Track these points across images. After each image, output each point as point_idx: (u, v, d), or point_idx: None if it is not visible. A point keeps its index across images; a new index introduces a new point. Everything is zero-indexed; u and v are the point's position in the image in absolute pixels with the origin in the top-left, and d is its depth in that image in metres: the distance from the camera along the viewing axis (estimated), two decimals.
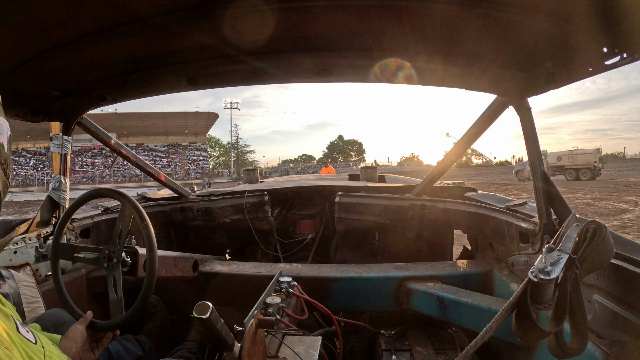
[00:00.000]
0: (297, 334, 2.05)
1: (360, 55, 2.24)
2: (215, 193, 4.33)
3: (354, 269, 3.00)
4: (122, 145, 3.40)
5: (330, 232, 4.51)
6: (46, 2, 1.45)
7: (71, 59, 2.06)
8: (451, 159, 3.48)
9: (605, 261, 1.59)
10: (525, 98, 2.35)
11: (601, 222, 1.61)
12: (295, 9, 1.75)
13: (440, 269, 2.93)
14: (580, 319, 1.52)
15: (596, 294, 1.78)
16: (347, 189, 4.09)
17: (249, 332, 1.60)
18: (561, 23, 1.63)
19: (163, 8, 1.64)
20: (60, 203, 2.96)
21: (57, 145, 2.91)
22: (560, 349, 1.53)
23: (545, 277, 1.52)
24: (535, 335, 1.55)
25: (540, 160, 2.38)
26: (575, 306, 1.53)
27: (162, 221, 4.10)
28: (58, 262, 2.22)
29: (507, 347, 2.45)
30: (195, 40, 2.04)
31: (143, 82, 2.52)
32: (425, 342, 2.66)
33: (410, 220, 3.72)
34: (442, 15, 1.73)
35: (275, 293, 2.45)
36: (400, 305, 2.83)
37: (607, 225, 1.62)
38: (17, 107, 2.49)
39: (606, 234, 1.58)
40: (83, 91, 2.65)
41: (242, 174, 5.10)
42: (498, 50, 2.08)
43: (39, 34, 1.73)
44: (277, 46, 2.19)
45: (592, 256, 1.56)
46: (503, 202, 3.14)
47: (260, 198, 4.08)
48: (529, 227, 2.48)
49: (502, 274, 2.66)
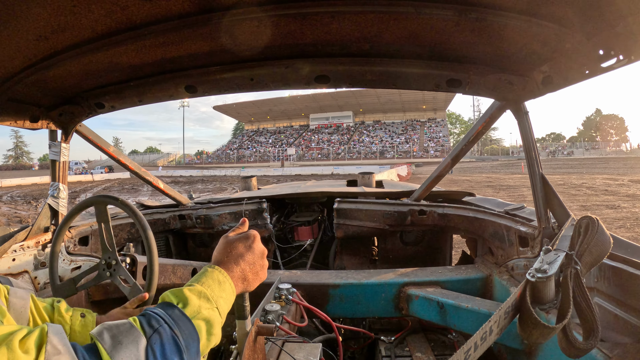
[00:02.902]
0: (297, 341, 2.04)
1: (357, 61, 2.25)
2: (213, 200, 4.33)
3: (353, 275, 3.00)
4: (120, 153, 3.39)
5: (329, 239, 4.51)
6: (43, 10, 1.45)
7: (69, 66, 2.06)
8: (450, 164, 3.48)
9: (603, 252, 1.59)
10: (523, 102, 2.36)
11: (593, 216, 1.62)
12: (292, 16, 1.75)
13: (440, 274, 2.93)
14: (589, 314, 1.51)
15: (597, 296, 1.79)
16: (345, 195, 4.09)
17: (248, 339, 1.60)
18: (557, 26, 1.64)
19: (160, 16, 1.64)
20: (59, 210, 2.96)
21: (56, 153, 2.91)
22: (571, 347, 1.52)
23: (543, 276, 1.53)
24: (540, 333, 1.53)
25: (538, 163, 2.38)
26: (581, 302, 1.52)
27: (161, 229, 4.10)
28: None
29: (508, 352, 2.44)
30: (192, 48, 2.04)
31: (141, 90, 2.52)
32: (426, 348, 2.65)
33: (409, 225, 3.72)
34: (437, 20, 1.74)
35: (275, 300, 2.45)
36: (400, 311, 2.83)
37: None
38: (15, 114, 2.49)
39: (599, 226, 1.60)
40: (81, 99, 2.65)
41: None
42: (494, 54, 2.08)
43: (36, 42, 1.73)
44: (275, 53, 2.20)
45: (589, 249, 1.57)
46: (502, 206, 3.14)
47: (258, 205, 4.07)
48: (528, 231, 2.48)
49: (502, 278, 2.65)
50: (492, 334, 1.53)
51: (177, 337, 0.95)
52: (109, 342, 0.87)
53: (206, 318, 1.06)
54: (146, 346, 0.89)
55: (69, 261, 2.85)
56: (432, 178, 3.59)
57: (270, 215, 4.19)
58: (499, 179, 31.32)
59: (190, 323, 1.01)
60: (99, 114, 2.80)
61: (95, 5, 1.49)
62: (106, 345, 0.86)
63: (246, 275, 1.27)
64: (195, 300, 1.07)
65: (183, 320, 1.01)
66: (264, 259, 1.35)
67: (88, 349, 0.85)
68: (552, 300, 1.57)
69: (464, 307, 2.46)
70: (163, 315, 0.98)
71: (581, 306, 1.52)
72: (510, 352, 2.43)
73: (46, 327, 0.82)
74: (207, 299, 1.09)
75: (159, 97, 2.60)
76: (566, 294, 1.52)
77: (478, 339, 1.50)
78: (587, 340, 1.50)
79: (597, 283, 1.79)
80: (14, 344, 0.74)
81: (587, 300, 1.51)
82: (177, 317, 1.00)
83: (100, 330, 0.89)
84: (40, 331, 0.80)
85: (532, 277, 1.56)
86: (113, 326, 0.91)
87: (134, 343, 0.88)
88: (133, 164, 3.54)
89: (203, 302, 1.08)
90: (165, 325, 0.96)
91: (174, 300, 1.07)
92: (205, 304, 1.08)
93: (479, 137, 3.03)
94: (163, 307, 1.03)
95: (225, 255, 1.27)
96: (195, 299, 1.07)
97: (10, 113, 2.45)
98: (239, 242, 1.30)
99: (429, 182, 3.64)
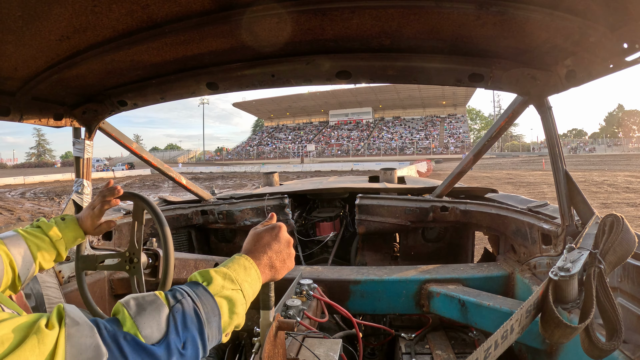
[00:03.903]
0: (317, 337, 2.05)
1: (377, 57, 2.23)
2: (235, 196, 4.37)
3: (374, 271, 2.99)
4: (143, 150, 3.44)
5: (351, 234, 4.51)
6: (65, 11, 1.48)
7: (91, 65, 2.10)
8: (472, 160, 3.44)
9: (628, 252, 1.55)
10: (546, 97, 2.31)
11: (618, 214, 1.58)
12: (312, 12, 1.75)
13: (462, 271, 2.90)
14: (612, 315, 1.49)
15: (620, 297, 1.75)
16: (367, 190, 4.08)
17: (269, 334, 1.61)
18: (580, 19, 1.60)
19: (180, 14, 1.66)
20: (83, 206, 3.01)
21: (80, 150, 2.96)
22: (594, 347, 1.49)
23: (566, 274, 1.51)
24: (561, 333, 1.51)
25: (562, 160, 2.34)
26: (604, 302, 1.49)
27: (183, 224, 4.14)
28: (82, 272, 2.25)
29: (529, 351, 2.41)
30: (213, 45, 2.05)
31: (163, 87, 2.55)
32: (446, 346, 2.63)
33: (431, 222, 3.70)
34: (458, 14, 1.71)
35: (296, 295, 2.45)
36: (421, 308, 2.81)
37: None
38: (40, 113, 2.54)
39: (624, 225, 1.55)
40: (104, 97, 2.70)
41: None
42: (516, 48, 2.05)
43: (59, 42, 1.76)
44: (295, 49, 2.19)
45: (613, 248, 1.53)
46: (525, 203, 3.09)
47: (280, 201, 4.09)
48: (552, 228, 2.44)
49: (524, 276, 2.62)
50: (513, 332, 1.51)
51: (198, 309, 1.02)
52: (134, 308, 0.95)
53: (228, 297, 1.11)
54: (168, 314, 0.97)
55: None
56: (454, 174, 3.56)
57: (292, 211, 4.20)
58: (520, 175, 30.82)
59: (212, 299, 1.07)
60: (122, 111, 2.84)
61: (116, 4, 1.50)
62: (131, 310, 0.94)
63: (273, 262, 1.33)
64: (220, 279, 1.12)
65: (206, 295, 1.07)
66: (290, 248, 1.40)
67: (110, 320, 0.93)
68: (575, 299, 1.55)
69: (486, 305, 2.43)
70: (187, 290, 1.05)
71: (604, 306, 1.49)
72: (531, 352, 2.39)
73: (61, 304, 0.89)
74: (231, 280, 1.14)
75: (181, 94, 2.62)
76: (589, 293, 1.49)
77: (499, 337, 1.49)
78: (610, 341, 1.48)
79: (620, 283, 1.75)
80: (41, 326, 0.80)
81: (610, 301, 1.48)
82: (200, 292, 1.06)
83: (127, 299, 0.97)
84: (57, 309, 0.87)
85: (555, 276, 1.53)
86: (139, 296, 0.99)
87: (157, 310, 0.96)
88: (156, 161, 3.58)
89: (227, 283, 1.13)
90: (188, 297, 1.03)
91: (199, 279, 1.13)
92: (229, 285, 1.13)
93: (502, 132, 2.99)
94: (189, 284, 1.10)
95: (252, 244, 1.35)
96: (220, 279, 1.12)
97: (34, 112, 2.50)
98: (266, 233, 1.38)
99: (451, 178, 3.61)
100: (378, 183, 4.97)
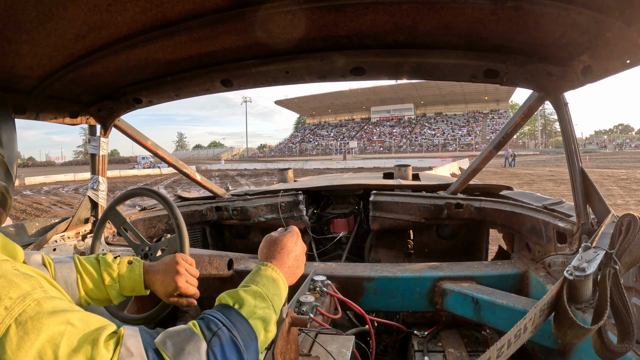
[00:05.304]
0: (330, 333, 2.05)
1: (392, 53, 2.22)
2: (249, 192, 4.38)
3: (388, 268, 2.98)
4: (158, 147, 3.47)
5: (365, 231, 4.50)
6: (80, 10, 1.49)
7: (106, 63, 2.12)
8: (487, 157, 3.41)
9: None
10: (562, 93, 2.28)
11: (635, 214, 1.56)
12: (326, 9, 1.75)
13: (476, 269, 2.88)
14: (625, 316, 1.47)
15: (635, 296, 1.72)
16: (381, 187, 4.06)
17: (282, 330, 1.61)
18: (595, 14, 1.57)
19: (194, 12, 1.66)
20: (99, 203, 3.06)
21: (95, 147, 3.00)
22: (606, 349, 1.48)
23: (581, 274, 1.49)
24: (574, 334, 1.50)
25: (578, 157, 2.31)
26: (617, 303, 1.47)
27: (198, 220, 4.18)
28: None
29: (542, 350, 2.39)
30: (227, 42, 2.06)
31: (178, 85, 2.57)
32: (459, 344, 2.62)
33: (446, 219, 3.68)
34: (473, 9, 1.70)
35: (309, 292, 2.46)
36: (434, 305, 2.80)
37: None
38: (56, 111, 2.58)
39: None
40: (119, 94, 2.73)
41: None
42: (531, 44, 2.02)
43: (74, 41, 1.77)
44: (309, 46, 2.19)
45: (629, 249, 1.50)
46: (540, 200, 3.06)
47: (294, 197, 4.10)
48: (567, 226, 2.41)
49: (538, 275, 2.59)
50: (526, 331, 1.50)
51: (235, 338, 1.00)
52: (172, 349, 0.92)
53: (262, 317, 1.10)
54: (207, 350, 0.94)
55: (107, 251, 2.93)
56: (469, 171, 3.53)
57: (306, 207, 4.21)
58: (562, 172, 29.96)
59: (247, 323, 1.06)
60: (137, 108, 2.88)
61: (131, 3, 1.51)
62: (169, 352, 0.91)
63: (295, 269, 1.33)
64: (251, 300, 1.11)
65: (240, 321, 1.05)
66: (304, 255, 1.41)
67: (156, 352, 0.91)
68: (589, 299, 1.53)
69: (499, 304, 2.41)
70: (221, 318, 1.03)
71: (618, 308, 1.47)
72: (543, 351, 2.37)
73: (123, 329, 0.89)
74: (262, 298, 1.13)
75: (196, 92, 2.64)
76: (603, 294, 1.47)
77: (512, 336, 1.47)
78: (622, 342, 1.46)
79: (635, 283, 1.72)
80: (100, 341, 0.82)
81: (624, 302, 1.46)
82: (234, 318, 1.05)
83: (163, 339, 0.95)
84: (118, 332, 0.88)
85: (570, 275, 1.52)
86: (174, 333, 0.97)
87: (196, 348, 0.93)
88: (171, 157, 3.62)
89: (259, 302, 1.12)
90: (223, 327, 1.00)
91: (230, 301, 1.10)
92: (260, 304, 1.12)
93: (517, 129, 2.96)
94: (220, 309, 1.08)
95: (276, 251, 1.32)
96: (251, 299, 1.11)
97: (51, 109, 2.54)
98: (288, 239, 1.35)
99: (465, 175, 3.59)
100: (392, 180, 4.95)
